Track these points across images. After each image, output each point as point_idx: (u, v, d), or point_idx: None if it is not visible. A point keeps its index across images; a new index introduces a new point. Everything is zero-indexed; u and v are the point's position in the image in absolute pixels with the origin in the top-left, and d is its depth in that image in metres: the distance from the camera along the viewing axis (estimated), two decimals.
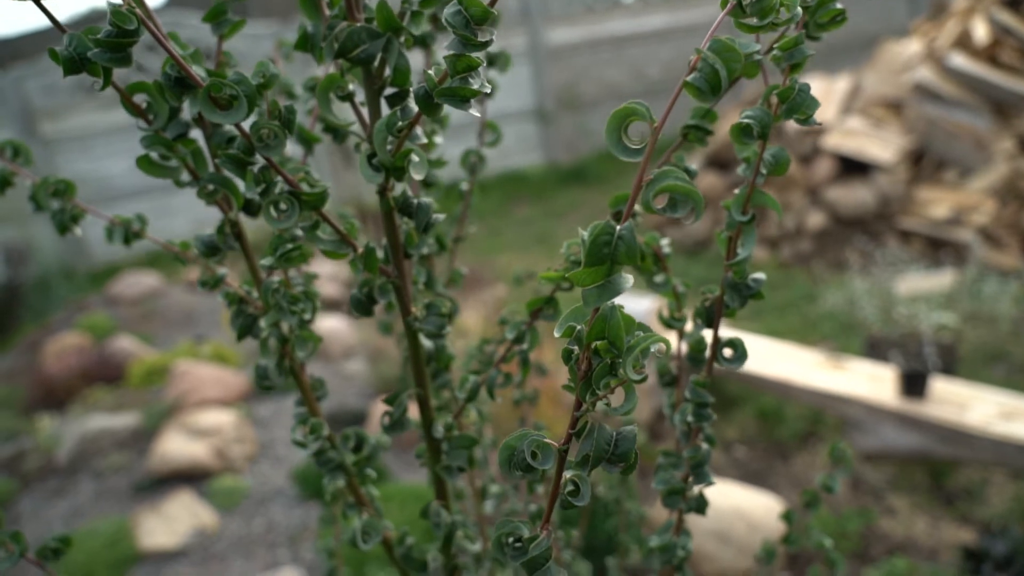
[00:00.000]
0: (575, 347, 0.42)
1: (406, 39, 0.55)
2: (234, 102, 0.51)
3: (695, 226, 5.47)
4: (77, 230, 0.73)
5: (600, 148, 8.56)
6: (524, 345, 0.76)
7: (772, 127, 0.55)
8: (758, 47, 0.51)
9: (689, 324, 0.72)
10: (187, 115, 0.62)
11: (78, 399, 3.90)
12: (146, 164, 0.64)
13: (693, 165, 0.71)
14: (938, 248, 4.71)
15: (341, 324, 4.40)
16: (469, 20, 0.44)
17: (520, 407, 1.02)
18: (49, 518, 3.13)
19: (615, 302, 0.40)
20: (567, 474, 0.43)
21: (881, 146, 5.05)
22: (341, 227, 0.61)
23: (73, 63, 0.50)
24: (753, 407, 3.35)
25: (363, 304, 0.64)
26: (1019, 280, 3.93)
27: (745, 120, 0.54)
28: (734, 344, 0.66)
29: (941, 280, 3.96)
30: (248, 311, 0.70)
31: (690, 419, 0.69)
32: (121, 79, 0.59)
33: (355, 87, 0.60)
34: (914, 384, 2.70)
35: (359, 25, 0.53)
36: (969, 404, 2.66)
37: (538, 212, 7.22)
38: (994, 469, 2.79)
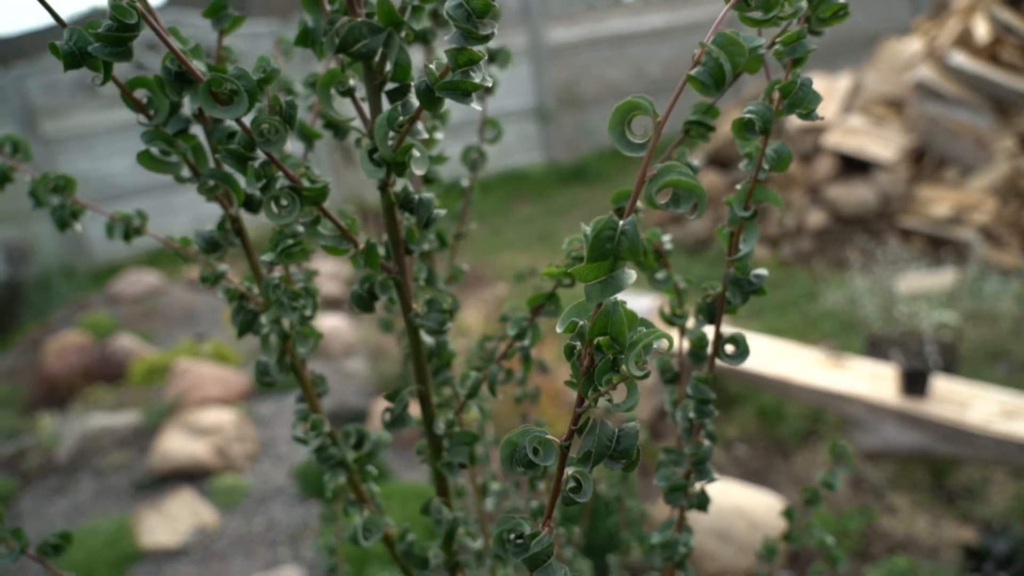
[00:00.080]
0: (577, 343, 0.41)
1: (407, 34, 0.55)
2: (235, 97, 0.51)
3: (696, 225, 5.47)
4: (77, 226, 0.73)
5: (601, 147, 8.56)
6: (525, 341, 0.76)
7: (774, 123, 0.54)
8: (762, 41, 0.51)
9: (691, 321, 0.71)
10: (188, 111, 0.62)
11: (79, 397, 3.90)
12: (147, 160, 0.64)
13: (695, 162, 0.71)
14: (939, 247, 4.71)
15: (342, 323, 4.39)
16: (470, 13, 0.44)
17: (522, 405, 1.02)
18: (50, 516, 3.13)
19: (617, 298, 0.39)
20: (569, 470, 0.42)
21: (882, 145, 5.05)
22: (342, 223, 0.61)
23: (73, 57, 0.50)
24: (754, 406, 3.35)
25: (364, 300, 0.64)
26: (1020, 279, 3.93)
27: (747, 115, 0.54)
28: (736, 340, 0.66)
29: (942, 279, 3.96)
30: (249, 307, 0.70)
31: (692, 415, 0.69)
32: (121, 77, 0.58)
33: (356, 82, 0.60)
34: (915, 383, 2.69)
35: (360, 20, 0.52)
36: (970, 403, 2.66)
37: (539, 211, 7.22)
38: (995, 468, 2.78)
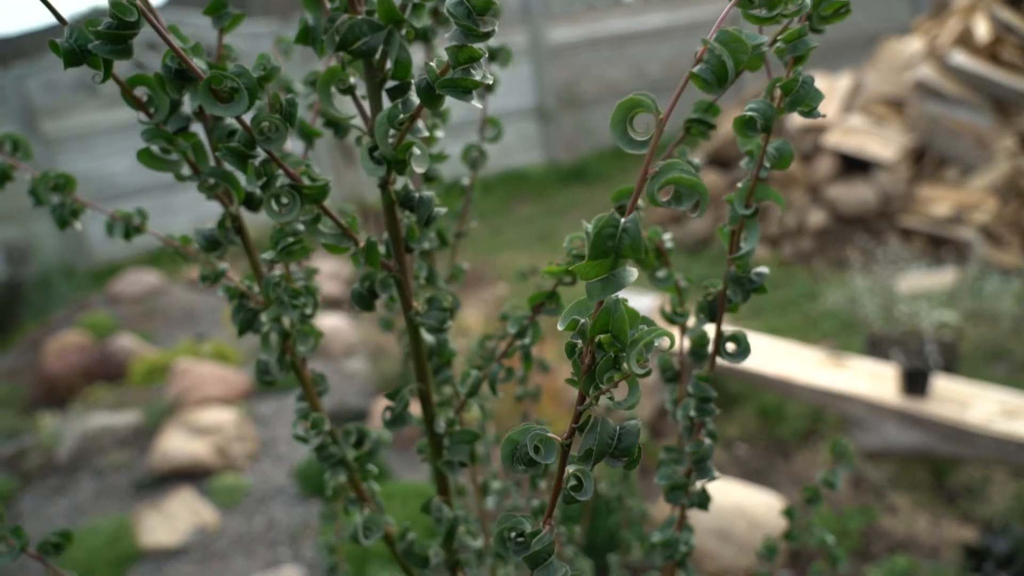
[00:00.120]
0: (579, 341, 0.41)
1: (408, 32, 0.54)
2: (235, 95, 0.51)
3: (696, 224, 5.47)
4: (77, 224, 0.73)
5: (601, 146, 8.56)
6: (526, 340, 0.75)
7: (775, 121, 0.54)
8: (765, 39, 0.51)
9: (691, 319, 0.71)
10: (188, 109, 0.62)
11: (79, 397, 3.90)
12: (147, 157, 0.64)
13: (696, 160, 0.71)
14: (939, 246, 4.70)
15: (342, 323, 4.39)
16: (471, 11, 0.44)
17: (522, 403, 1.02)
18: (50, 516, 3.13)
19: (619, 296, 0.39)
20: (570, 468, 0.42)
21: (882, 144, 5.05)
22: (342, 221, 0.61)
23: (74, 55, 0.50)
24: (754, 405, 3.35)
25: (364, 298, 0.64)
26: (1020, 278, 3.93)
27: (749, 113, 0.53)
28: (737, 338, 0.66)
29: (942, 278, 3.96)
30: (249, 306, 0.70)
31: (693, 414, 0.68)
32: (121, 77, 0.58)
33: (356, 80, 0.60)
34: (915, 382, 2.69)
35: (360, 18, 0.52)
36: (970, 402, 2.66)
37: (539, 210, 7.22)
38: (995, 467, 2.78)
